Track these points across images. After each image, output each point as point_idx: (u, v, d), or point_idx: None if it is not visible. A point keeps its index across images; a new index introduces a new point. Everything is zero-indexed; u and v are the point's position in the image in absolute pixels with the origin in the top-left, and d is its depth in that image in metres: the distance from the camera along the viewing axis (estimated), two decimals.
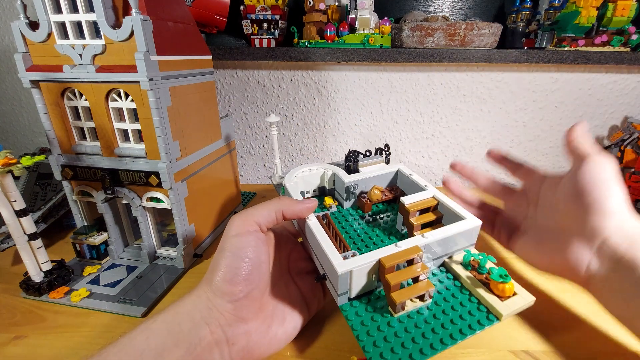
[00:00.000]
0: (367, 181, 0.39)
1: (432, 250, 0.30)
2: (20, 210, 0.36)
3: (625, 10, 0.61)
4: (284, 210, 0.30)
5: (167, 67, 0.39)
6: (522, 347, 0.33)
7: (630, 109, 0.75)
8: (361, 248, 0.33)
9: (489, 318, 0.26)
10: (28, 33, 0.38)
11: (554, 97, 0.74)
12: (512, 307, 0.27)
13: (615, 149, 0.71)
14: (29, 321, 0.37)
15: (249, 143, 0.81)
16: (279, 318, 0.30)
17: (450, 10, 0.72)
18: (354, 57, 0.65)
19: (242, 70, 0.74)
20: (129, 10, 0.35)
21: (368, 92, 0.74)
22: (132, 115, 0.40)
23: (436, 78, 0.73)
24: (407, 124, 0.77)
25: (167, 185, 0.40)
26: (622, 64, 0.66)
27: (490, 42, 0.66)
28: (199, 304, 0.27)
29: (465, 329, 0.26)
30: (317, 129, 0.78)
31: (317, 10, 0.64)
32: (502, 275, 0.27)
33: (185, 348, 0.24)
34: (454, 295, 0.29)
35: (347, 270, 0.25)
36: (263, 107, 0.77)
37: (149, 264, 0.45)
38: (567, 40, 0.65)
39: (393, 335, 0.25)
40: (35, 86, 0.40)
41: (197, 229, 0.47)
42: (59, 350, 0.33)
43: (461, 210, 0.32)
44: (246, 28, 0.65)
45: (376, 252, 0.27)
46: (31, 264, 0.39)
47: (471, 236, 0.31)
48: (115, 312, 0.37)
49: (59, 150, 0.43)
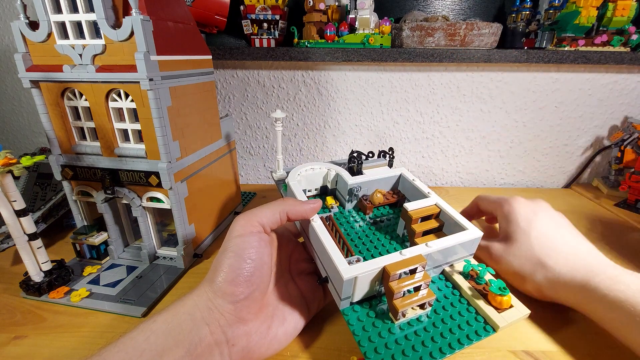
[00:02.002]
0: (370, 184, 0.39)
1: (433, 259, 0.30)
2: (20, 210, 0.36)
3: (625, 10, 0.61)
4: (288, 211, 0.30)
5: (167, 67, 0.39)
6: (522, 347, 0.33)
7: (630, 109, 0.75)
8: (362, 251, 0.33)
9: (486, 329, 0.27)
10: (28, 33, 0.38)
11: (554, 97, 0.74)
12: (508, 319, 0.28)
13: (615, 149, 0.71)
14: (29, 321, 0.37)
15: (249, 143, 0.81)
16: (279, 319, 0.30)
17: (450, 10, 0.72)
18: (354, 57, 0.65)
19: (242, 70, 0.74)
20: (129, 10, 0.35)
21: (368, 92, 0.74)
22: (132, 115, 0.40)
23: (436, 78, 0.73)
24: (407, 124, 0.77)
25: (167, 185, 0.40)
26: (622, 64, 0.66)
27: (490, 42, 0.66)
28: (199, 303, 0.27)
29: (463, 338, 0.26)
30: (317, 129, 0.78)
31: (317, 10, 0.64)
32: (501, 288, 0.29)
33: (186, 348, 0.24)
34: (453, 304, 0.29)
35: (352, 277, 0.26)
36: (263, 107, 0.77)
37: (149, 264, 0.45)
38: (567, 40, 0.65)
39: (394, 342, 0.26)
40: (35, 86, 0.40)
41: (197, 229, 0.47)
42: (59, 350, 0.33)
43: (463, 220, 0.32)
44: (246, 28, 0.65)
45: (381, 260, 0.27)
46: (31, 264, 0.39)
47: (471, 247, 0.32)
48: (115, 312, 0.37)
49: (59, 150, 0.43)
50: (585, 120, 0.76)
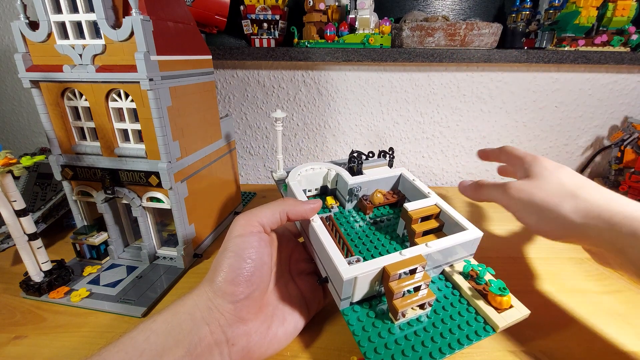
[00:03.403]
0: (370, 184, 0.39)
1: (433, 259, 0.30)
2: (20, 210, 0.36)
3: (625, 10, 0.61)
4: (289, 211, 0.30)
5: (167, 67, 0.39)
6: (522, 347, 0.33)
7: (630, 109, 0.75)
8: (362, 251, 0.33)
9: (486, 329, 0.27)
10: (28, 33, 0.38)
11: (554, 97, 0.74)
12: (508, 319, 0.27)
13: (615, 149, 0.71)
14: (29, 321, 0.37)
15: (249, 143, 0.81)
16: (279, 318, 0.30)
17: (450, 10, 0.72)
18: (354, 57, 0.65)
19: (242, 70, 0.74)
20: (129, 10, 0.35)
21: (368, 92, 0.74)
22: (132, 115, 0.40)
23: (436, 78, 0.73)
24: (407, 124, 0.77)
25: (167, 185, 0.40)
26: (622, 64, 0.66)
27: (490, 42, 0.66)
28: (199, 303, 0.27)
29: (463, 339, 0.26)
30: (317, 129, 0.78)
31: (317, 10, 0.64)
32: (501, 288, 0.29)
33: (186, 348, 0.24)
34: (453, 304, 0.29)
35: (352, 277, 0.26)
36: (263, 107, 0.77)
37: (149, 264, 0.45)
38: (567, 40, 0.65)
39: (394, 342, 0.26)
40: (35, 86, 0.40)
41: (197, 229, 0.47)
42: (59, 350, 0.33)
43: (463, 220, 0.32)
44: (246, 28, 0.65)
45: (381, 260, 0.27)
46: (31, 264, 0.39)
47: (472, 247, 0.32)
48: (115, 312, 0.37)
49: (59, 150, 0.43)
50: (585, 120, 0.76)
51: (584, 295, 0.40)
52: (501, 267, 0.45)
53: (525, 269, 0.45)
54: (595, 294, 0.40)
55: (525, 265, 0.46)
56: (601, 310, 0.38)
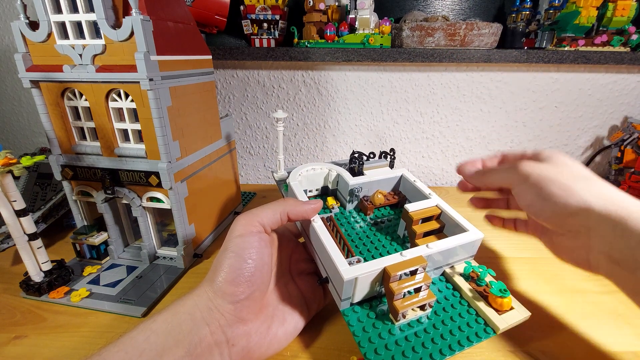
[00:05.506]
0: (371, 185, 0.39)
1: (434, 260, 0.30)
2: (20, 210, 0.36)
3: (625, 10, 0.61)
4: (289, 212, 0.30)
5: (167, 67, 0.39)
6: (522, 347, 0.33)
7: (630, 109, 0.75)
8: (363, 252, 0.33)
9: (486, 331, 0.27)
10: (28, 33, 0.38)
11: (554, 97, 0.74)
12: (508, 321, 0.28)
13: (615, 149, 0.71)
14: (29, 321, 0.37)
15: (249, 143, 0.81)
16: (279, 319, 0.30)
17: (450, 10, 0.72)
18: (354, 57, 0.65)
19: (242, 70, 0.74)
20: (129, 10, 0.35)
21: (368, 92, 0.74)
22: (132, 115, 0.40)
23: (436, 78, 0.73)
24: (407, 124, 0.77)
25: (167, 185, 0.40)
26: (622, 64, 0.66)
27: (490, 42, 0.66)
28: (199, 303, 0.27)
29: (464, 340, 0.26)
30: (317, 129, 0.78)
31: (317, 10, 0.64)
32: (502, 289, 0.29)
33: (186, 348, 0.24)
34: (453, 305, 0.29)
35: (353, 277, 0.26)
36: (263, 107, 0.77)
37: (149, 264, 0.45)
38: (567, 40, 0.65)
39: (394, 343, 0.26)
40: (35, 86, 0.40)
41: (197, 229, 0.47)
42: (59, 350, 0.33)
43: (464, 221, 0.32)
44: (246, 28, 0.65)
45: (381, 260, 0.27)
46: (31, 264, 0.39)
47: (472, 248, 0.32)
48: (115, 312, 0.37)
49: (59, 150, 0.43)
50: (585, 120, 0.76)
51: (584, 295, 0.40)
52: (502, 268, 0.46)
53: (526, 270, 0.45)
54: (595, 294, 0.40)
55: (525, 266, 0.46)
56: (601, 311, 0.38)
